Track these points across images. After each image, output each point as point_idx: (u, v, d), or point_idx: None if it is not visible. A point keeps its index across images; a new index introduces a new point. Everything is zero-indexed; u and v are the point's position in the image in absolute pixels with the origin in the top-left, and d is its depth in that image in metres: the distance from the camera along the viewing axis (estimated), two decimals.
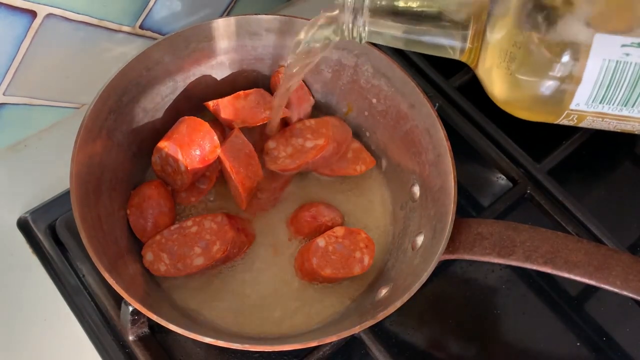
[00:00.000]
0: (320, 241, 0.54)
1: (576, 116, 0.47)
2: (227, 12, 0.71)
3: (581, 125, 0.48)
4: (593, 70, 0.43)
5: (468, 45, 0.47)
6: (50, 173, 0.62)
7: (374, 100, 0.60)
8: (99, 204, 0.51)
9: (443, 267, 0.59)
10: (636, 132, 0.49)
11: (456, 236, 0.49)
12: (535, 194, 0.62)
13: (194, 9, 0.67)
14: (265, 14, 0.57)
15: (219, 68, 0.60)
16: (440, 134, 0.53)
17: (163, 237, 0.54)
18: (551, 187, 0.62)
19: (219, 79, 0.60)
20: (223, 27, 0.57)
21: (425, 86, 0.68)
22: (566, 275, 0.47)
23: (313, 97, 0.62)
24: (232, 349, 0.45)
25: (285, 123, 0.61)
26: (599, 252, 0.48)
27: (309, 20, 0.51)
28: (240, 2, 0.71)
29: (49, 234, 0.57)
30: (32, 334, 0.55)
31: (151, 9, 0.63)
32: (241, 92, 0.59)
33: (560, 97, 0.46)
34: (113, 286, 0.44)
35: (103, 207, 0.51)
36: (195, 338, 0.44)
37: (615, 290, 0.46)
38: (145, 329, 0.53)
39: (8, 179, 0.62)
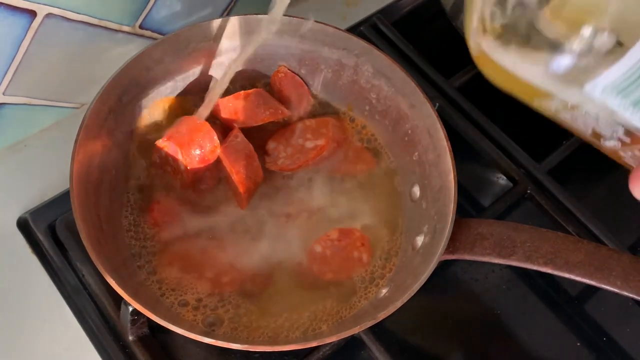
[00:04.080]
0: (317, 247, 0.54)
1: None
2: (227, 12, 0.71)
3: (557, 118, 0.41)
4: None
5: None
6: (50, 173, 0.61)
7: (374, 101, 0.60)
8: (99, 204, 0.51)
9: (443, 267, 0.59)
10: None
11: (456, 236, 0.49)
12: (535, 194, 0.61)
13: (194, 9, 0.67)
14: (265, 14, 0.57)
15: (219, 68, 0.59)
16: (440, 134, 0.53)
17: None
18: (551, 187, 0.62)
19: (219, 79, 0.60)
20: (223, 27, 0.57)
21: (425, 86, 0.67)
22: (567, 275, 0.47)
23: (313, 96, 0.62)
24: (232, 349, 0.45)
25: (285, 123, 0.61)
26: (600, 252, 0.47)
27: (310, 20, 0.50)
28: (240, 2, 0.71)
29: (49, 234, 0.57)
30: (31, 334, 0.55)
31: (151, 8, 0.63)
32: (241, 92, 0.59)
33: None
34: (113, 286, 0.44)
35: (103, 207, 0.51)
36: (195, 338, 0.44)
37: (616, 290, 0.46)
38: (145, 329, 0.53)
39: (8, 179, 0.62)
